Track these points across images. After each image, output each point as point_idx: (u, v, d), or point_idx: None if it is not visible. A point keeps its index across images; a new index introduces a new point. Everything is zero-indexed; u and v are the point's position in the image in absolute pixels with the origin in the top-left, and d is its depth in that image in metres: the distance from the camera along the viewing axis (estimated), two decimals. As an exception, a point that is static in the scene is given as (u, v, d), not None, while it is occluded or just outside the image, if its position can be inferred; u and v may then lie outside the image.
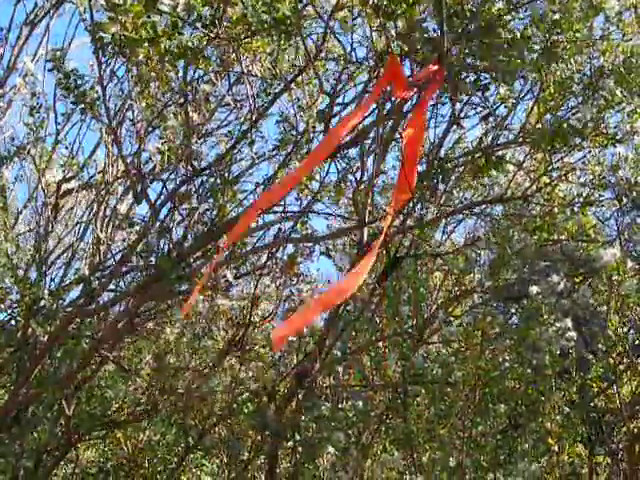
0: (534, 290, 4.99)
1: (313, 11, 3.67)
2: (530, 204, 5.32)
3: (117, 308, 5.13)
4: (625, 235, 5.73)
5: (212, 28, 3.37)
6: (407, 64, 3.74)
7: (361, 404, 5.57)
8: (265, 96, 4.59)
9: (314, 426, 5.49)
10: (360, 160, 4.62)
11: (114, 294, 4.97)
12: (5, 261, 5.05)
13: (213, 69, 4.35)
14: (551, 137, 4.14)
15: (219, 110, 5.05)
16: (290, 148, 4.53)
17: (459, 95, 4.01)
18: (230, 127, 5.12)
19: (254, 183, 4.79)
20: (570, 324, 4.93)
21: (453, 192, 5.35)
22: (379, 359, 5.92)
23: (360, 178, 4.58)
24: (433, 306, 6.11)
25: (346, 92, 4.47)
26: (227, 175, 4.52)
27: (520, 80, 4.30)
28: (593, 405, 5.85)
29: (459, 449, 5.06)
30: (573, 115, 4.60)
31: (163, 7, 3.24)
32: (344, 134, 3.40)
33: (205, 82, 4.44)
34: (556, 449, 5.31)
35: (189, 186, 4.54)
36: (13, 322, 5.28)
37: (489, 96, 4.27)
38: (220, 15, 3.36)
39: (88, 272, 5.11)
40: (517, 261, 5.50)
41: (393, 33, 3.38)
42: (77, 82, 3.91)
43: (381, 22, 3.23)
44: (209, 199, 4.59)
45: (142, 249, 4.55)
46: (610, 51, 4.53)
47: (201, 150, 4.62)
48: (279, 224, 4.92)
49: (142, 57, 3.26)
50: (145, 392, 5.73)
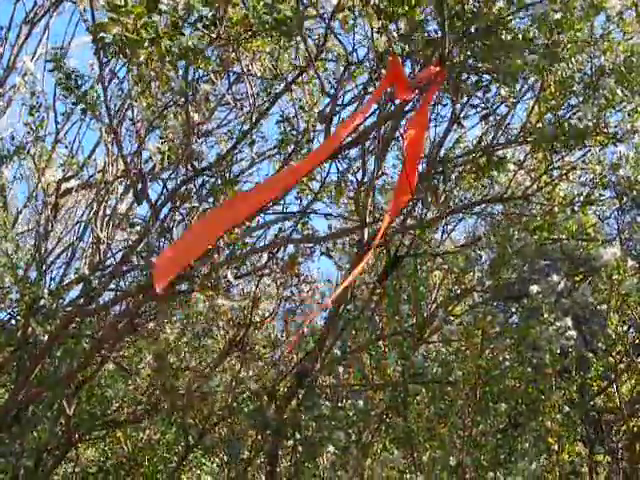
0: (534, 289, 4.99)
1: (314, 11, 3.66)
2: (530, 203, 5.31)
3: (118, 308, 5.12)
4: (625, 234, 5.74)
5: (213, 29, 3.36)
6: (408, 65, 3.74)
7: (361, 403, 5.57)
8: (265, 95, 4.59)
9: (314, 425, 5.49)
10: (361, 160, 4.61)
11: (115, 294, 4.96)
12: (5, 260, 5.03)
13: (213, 68, 4.34)
14: (552, 139, 4.14)
15: (219, 109, 5.05)
16: (291, 148, 4.53)
17: (460, 96, 4.01)
18: (230, 126, 5.13)
19: (255, 183, 4.80)
20: (570, 323, 4.93)
21: (453, 192, 5.34)
22: (379, 358, 5.92)
23: (362, 179, 4.57)
24: (433, 305, 6.10)
25: (347, 93, 4.48)
26: (228, 175, 4.51)
27: (521, 80, 4.29)
28: (593, 404, 5.86)
29: (459, 448, 5.06)
30: (574, 114, 4.60)
31: (163, 7, 3.23)
32: (346, 135, 3.40)
33: (205, 82, 4.42)
34: (556, 448, 5.32)
35: (189, 186, 4.53)
36: (13, 321, 5.28)
37: (490, 97, 4.26)
38: (221, 16, 3.35)
39: (88, 272, 5.11)
40: (517, 260, 5.50)
41: (394, 34, 3.37)
42: (78, 82, 3.91)
43: (383, 23, 3.22)
44: (209, 199, 4.58)
45: (143, 249, 4.55)
46: (611, 50, 4.53)
47: (202, 150, 4.61)
48: (280, 223, 4.92)
49: (143, 58, 3.25)
50: (146, 392, 5.73)
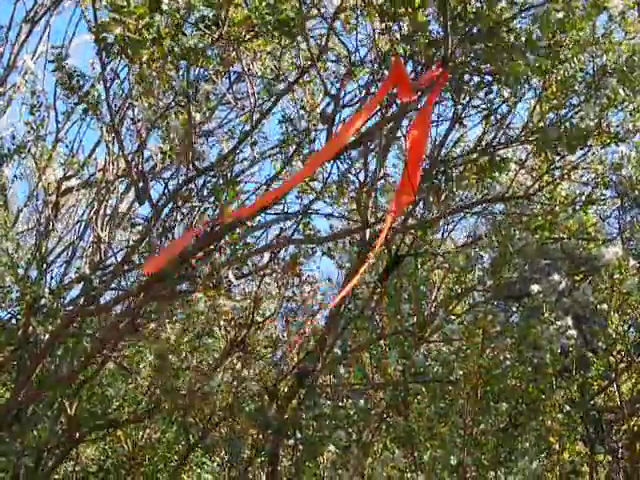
0: (535, 288, 4.99)
1: (316, 11, 3.65)
2: (532, 203, 5.30)
3: (119, 308, 5.11)
4: (627, 233, 5.73)
5: (215, 29, 3.35)
6: (411, 65, 3.73)
7: (362, 402, 5.58)
8: (266, 95, 4.57)
9: (315, 424, 5.49)
10: (363, 161, 4.60)
11: (116, 293, 4.95)
12: (6, 260, 5.02)
13: (214, 67, 4.33)
14: (555, 139, 4.13)
15: (219, 109, 5.04)
16: (292, 148, 4.52)
17: (462, 97, 4.00)
18: (231, 126, 5.12)
19: (256, 183, 4.79)
20: (571, 322, 4.93)
21: (454, 191, 5.33)
22: (380, 357, 5.91)
23: (364, 179, 4.56)
24: (434, 304, 6.10)
25: (348, 93, 4.47)
26: (229, 175, 4.50)
27: (523, 80, 4.28)
28: (593, 403, 5.86)
29: (460, 447, 5.05)
30: (576, 114, 4.60)
31: (165, 7, 3.22)
32: (349, 136, 3.40)
33: (206, 81, 4.41)
34: (557, 447, 5.32)
35: (191, 186, 4.52)
36: (14, 321, 5.28)
37: (492, 98, 4.25)
38: (224, 16, 3.33)
39: (89, 271, 5.10)
40: (518, 260, 5.50)
41: (397, 35, 3.36)
42: (80, 82, 3.90)
43: (386, 25, 3.21)
44: (211, 198, 4.57)
45: (144, 249, 4.54)
46: (613, 50, 4.52)
47: (203, 150, 4.60)
48: (281, 223, 4.91)
49: (145, 58, 3.23)
50: (147, 392, 5.73)
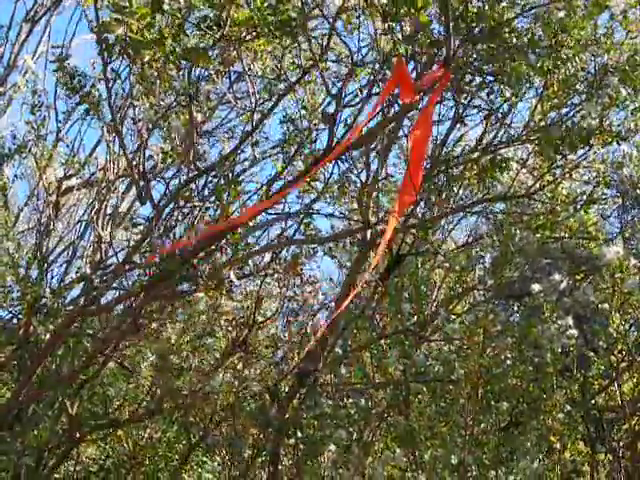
0: (536, 288, 4.98)
1: (318, 12, 3.64)
2: (533, 202, 5.30)
3: (121, 307, 5.11)
4: (628, 232, 5.73)
5: (217, 29, 3.34)
6: (412, 65, 3.72)
7: (363, 402, 5.57)
8: (267, 94, 4.56)
9: (316, 424, 5.49)
10: (365, 161, 4.59)
11: (118, 293, 4.95)
12: (7, 259, 5.01)
13: (214, 67, 4.32)
14: (557, 139, 4.12)
15: (220, 108, 5.03)
16: (294, 148, 4.51)
17: (464, 97, 4.00)
18: (232, 125, 5.12)
19: (257, 183, 4.79)
20: (571, 322, 4.93)
21: (455, 190, 5.32)
22: (380, 357, 5.91)
23: (366, 180, 4.56)
24: (434, 304, 6.09)
25: (350, 93, 4.46)
26: (230, 175, 4.49)
27: (524, 80, 4.27)
28: (594, 403, 5.85)
29: (461, 447, 5.04)
30: (577, 113, 4.59)
31: (166, 7, 3.21)
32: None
33: (207, 81, 4.40)
34: (558, 446, 5.31)
35: (192, 186, 4.51)
36: (15, 320, 5.28)
37: (494, 98, 4.25)
38: (225, 16, 3.32)
39: (89, 271, 5.09)
40: (519, 259, 5.49)
41: (399, 36, 3.35)
42: (81, 82, 3.89)
43: (388, 25, 3.20)
44: (212, 198, 4.56)
45: (145, 249, 4.53)
46: (614, 49, 4.51)
47: (204, 150, 4.60)
48: (282, 222, 4.91)
49: (147, 58, 3.22)
50: (148, 392, 5.72)
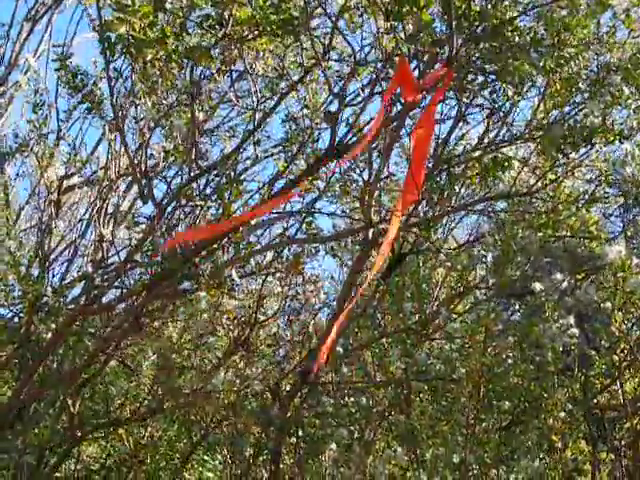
0: (537, 287, 4.98)
1: (320, 10, 3.63)
2: (535, 201, 5.29)
3: (122, 306, 5.10)
4: (630, 231, 5.72)
5: (219, 28, 3.33)
6: (415, 64, 3.71)
7: (364, 400, 5.58)
8: (269, 93, 4.56)
9: (317, 422, 5.50)
10: (367, 160, 4.58)
11: (120, 292, 4.94)
12: (8, 258, 5.00)
13: (216, 66, 4.31)
14: (560, 138, 4.12)
15: (221, 107, 5.03)
16: (296, 147, 4.51)
17: (466, 95, 3.99)
18: (234, 124, 5.11)
19: (259, 182, 4.78)
20: (573, 321, 4.92)
21: (457, 189, 5.31)
22: (382, 355, 5.91)
23: (368, 178, 4.55)
24: (436, 302, 6.09)
25: (351, 93, 4.45)
26: (232, 174, 4.49)
27: (527, 79, 4.27)
28: (596, 402, 5.85)
29: (462, 445, 5.05)
30: (580, 111, 4.58)
31: (168, 6, 3.21)
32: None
33: (209, 79, 4.39)
34: (559, 445, 5.31)
35: (194, 185, 4.51)
36: (16, 319, 5.27)
37: (496, 97, 4.24)
38: (228, 15, 3.32)
39: (91, 269, 5.09)
40: (521, 258, 5.48)
41: (402, 35, 3.34)
42: (83, 81, 3.89)
43: (391, 24, 3.20)
44: (213, 196, 4.56)
45: (147, 248, 4.53)
46: (617, 47, 4.51)
47: (206, 148, 4.59)
48: (283, 221, 4.90)
49: (150, 57, 3.22)
50: (150, 390, 5.72)
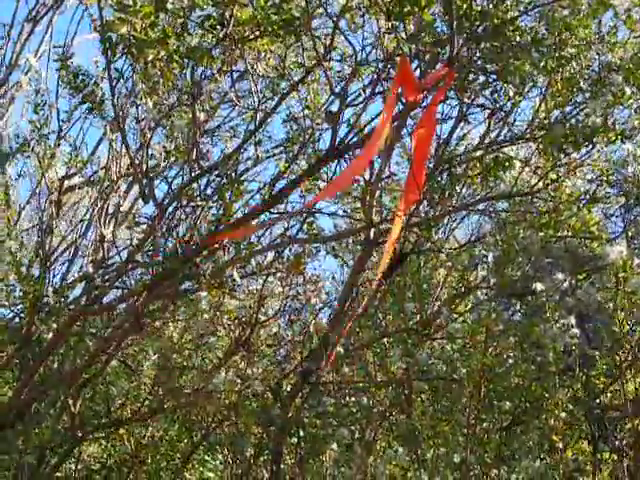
0: (538, 287, 4.97)
1: (321, 10, 3.63)
2: (536, 200, 5.29)
3: (123, 306, 5.10)
4: (631, 231, 5.71)
5: (220, 28, 3.33)
6: (416, 64, 3.71)
7: (365, 400, 5.57)
8: (270, 93, 4.55)
9: (318, 422, 5.49)
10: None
11: (122, 292, 4.94)
12: (9, 258, 5.00)
13: (217, 66, 4.30)
14: (561, 137, 4.12)
15: (222, 107, 5.03)
16: (297, 148, 4.51)
17: (467, 95, 3.99)
18: (234, 123, 5.11)
19: (260, 182, 4.78)
20: (574, 321, 4.92)
21: (458, 189, 5.31)
22: (383, 355, 5.91)
23: (369, 179, 4.55)
24: (437, 303, 6.08)
25: (353, 93, 4.45)
26: (233, 174, 4.49)
27: (528, 79, 4.27)
28: (597, 402, 5.84)
29: (463, 445, 5.05)
30: (581, 111, 4.58)
31: (169, 6, 3.20)
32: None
33: (210, 80, 4.39)
34: (560, 445, 5.30)
35: (195, 185, 4.50)
36: (17, 319, 5.27)
37: (498, 97, 4.24)
38: (229, 15, 3.31)
39: (92, 269, 5.09)
40: (522, 258, 5.48)
41: (403, 35, 3.34)
42: (84, 81, 3.89)
43: (392, 24, 3.19)
44: (214, 197, 4.56)
45: (148, 248, 4.53)
46: (618, 47, 4.51)
47: (207, 149, 4.59)
48: (284, 221, 4.90)
49: (151, 57, 3.22)
50: (150, 390, 5.72)
